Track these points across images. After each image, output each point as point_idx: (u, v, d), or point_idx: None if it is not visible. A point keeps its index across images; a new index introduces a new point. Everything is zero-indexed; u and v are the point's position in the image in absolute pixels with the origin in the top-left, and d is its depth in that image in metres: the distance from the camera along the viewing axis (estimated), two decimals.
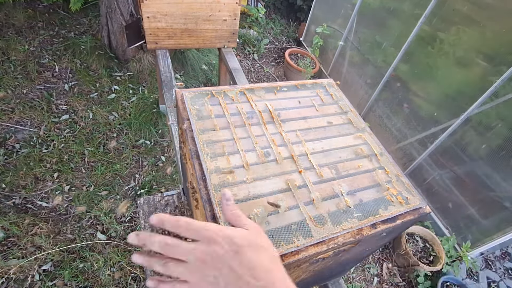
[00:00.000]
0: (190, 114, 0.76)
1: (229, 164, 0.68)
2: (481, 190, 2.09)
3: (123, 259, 1.92)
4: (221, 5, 2.05)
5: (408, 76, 2.60)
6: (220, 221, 0.58)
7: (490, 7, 1.99)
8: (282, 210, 0.64)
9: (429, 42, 2.35)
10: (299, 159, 0.74)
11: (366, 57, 3.05)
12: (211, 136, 0.73)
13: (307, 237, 0.61)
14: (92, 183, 2.25)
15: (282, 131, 0.80)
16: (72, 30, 3.21)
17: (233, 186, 0.65)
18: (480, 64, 2.05)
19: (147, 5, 1.88)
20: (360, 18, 3.11)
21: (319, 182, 0.71)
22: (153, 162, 2.50)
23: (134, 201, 2.21)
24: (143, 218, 1.15)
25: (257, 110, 0.83)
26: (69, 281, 1.78)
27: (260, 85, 0.91)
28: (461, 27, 2.12)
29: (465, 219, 2.23)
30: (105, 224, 2.05)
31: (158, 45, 2.10)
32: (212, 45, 2.27)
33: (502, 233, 2.03)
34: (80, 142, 2.44)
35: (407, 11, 2.57)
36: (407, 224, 0.74)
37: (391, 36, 2.75)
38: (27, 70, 2.74)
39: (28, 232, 1.91)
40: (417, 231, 2.40)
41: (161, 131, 2.74)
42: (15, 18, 3.02)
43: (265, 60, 4.15)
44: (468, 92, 2.12)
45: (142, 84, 3.05)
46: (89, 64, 2.99)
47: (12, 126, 2.39)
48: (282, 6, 4.88)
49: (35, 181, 2.17)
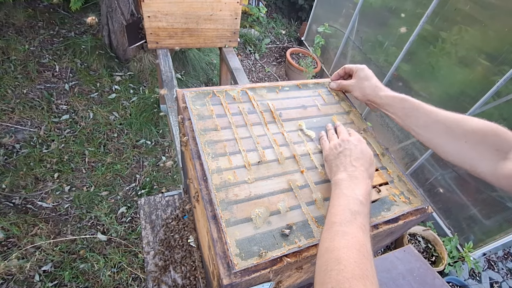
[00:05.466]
0: (191, 113, 0.76)
1: (231, 164, 0.68)
2: (483, 190, 2.08)
3: (124, 260, 1.91)
4: (222, 4, 2.04)
5: (410, 76, 2.59)
6: (221, 221, 0.58)
7: (493, 6, 1.97)
8: (284, 210, 0.63)
9: (431, 41, 2.34)
10: (301, 159, 0.74)
11: (368, 56, 3.04)
12: (213, 136, 0.72)
13: (309, 238, 0.60)
14: (93, 183, 2.24)
15: (284, 131, 0.79)
16: (73, 30, 3.20)
17: (235, 186, 0.64)
18: (482, 64, 2.03)
19: (147, 5, 1.87)
20: (361, 18, 3.10)
21: (321, 182, 0.70)
22: (154, 162, 2.49)
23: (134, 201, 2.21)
24: (144, 218, 1.14)
25: (258, 110, 0.82)
26: (70, 282, 1.78)
27: (261, 84, 0.90)
28: (463, 26, 2.11)
29: (468, 219, 2.22)
30: (106, 225, 2.05)
31: (159, 44, 2.10)
32: (213, 44, 2.27)
33: (505, 233, 2.02)
34: (81, 142, 2.43)
35: (409, 10, 2.55)
36: (409, 224, 0.73)
37: (393, 36, 2.74)
38: (27, 69, 2.74)
39: (28, 233, 1.91)
40: (419, 232, 2.39)
41: (162, 131, 2.73)
42: (15, 18, 3.02)
43: (266, 60, 4.14)
44: (470, 91, 2.11)
45: (143, 83, 3.05)
46: (89, 64, 2.99)
47: (12, 126, 2.38)
48: (283, 5, 4.87)
49: (35, 181, 2.16)
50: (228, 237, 0.56)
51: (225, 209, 0.60)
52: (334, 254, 0.48)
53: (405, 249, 1.25)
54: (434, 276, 1.16)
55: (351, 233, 0.51)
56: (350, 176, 0.63)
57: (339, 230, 0.52)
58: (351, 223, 0.52)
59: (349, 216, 0.53)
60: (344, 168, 0.65)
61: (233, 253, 0.54)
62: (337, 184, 0.62)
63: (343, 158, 0.68)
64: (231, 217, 0.59)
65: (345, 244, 0.49)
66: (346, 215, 0.54)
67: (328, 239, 0.52)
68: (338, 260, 0.47)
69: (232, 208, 0.60)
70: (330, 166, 0.69)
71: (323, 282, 0.46)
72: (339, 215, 0.54)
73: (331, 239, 0.51)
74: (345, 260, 0.46)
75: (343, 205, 0.56)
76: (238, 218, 0.59)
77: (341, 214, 0.54)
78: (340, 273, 0.45)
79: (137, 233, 2.06)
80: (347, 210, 0.55)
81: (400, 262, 1.20)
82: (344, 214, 0.54)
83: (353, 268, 0.45)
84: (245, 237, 0.57)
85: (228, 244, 0.55)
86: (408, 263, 1.20)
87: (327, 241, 0.51)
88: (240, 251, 0.55)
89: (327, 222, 0.55)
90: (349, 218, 0.53)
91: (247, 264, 0.54)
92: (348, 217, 0.53)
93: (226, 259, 0.54)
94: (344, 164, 0.66)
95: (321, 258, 0.50)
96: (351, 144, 0.71)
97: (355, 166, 0.65)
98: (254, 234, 0.58)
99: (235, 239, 0.56)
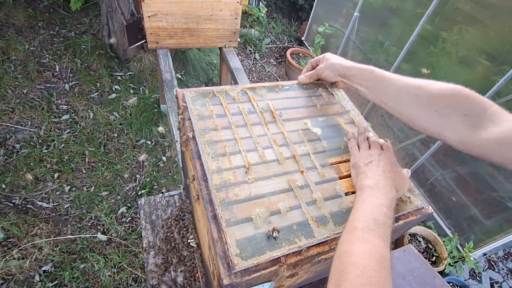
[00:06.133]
0: (191, 114, 0.76)
1: (231, 164, 0.68)
2: (484, 190, 2.08)
3: (124, 260, 1.91)
4: (222, 4, 2.04)
5: (410, 76, 2.58)
6: (222, 221, 0.57)
7: (493, 6, 1.97)
8: (284, 210, 0.63)
9: (432, 41, 2.33)
10: (301, 159, 0.73)
11: (368, 56, 3.04)
12: (213, 136, 0.72)
13: (309, 238, 0.60)
14: (93, 184, 2.24)
15: (284, 131, 0.79)
16: (73, 30, 3.20)
17: (235, 186, 0.64)
18: (483, 64, 2.03)
19: (148, 5, 1.87)
20: (362, 17, 3.10)
21: (321, 182, 0.70)
22: (154, 163, 2.49)
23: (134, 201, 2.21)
24: (144, 218, 1.14)
25: (258, 109, 0.82)
26: (70, 282, 1.78)
27: (261, 84, 0.90)
28: (464, 26, 2.11)
29: (468, 219, 2.21)
30: (106, 225, 2.05)
31: (159, 44, 2.10)
32: (213, 44, 2.27)
33: (505, 233, 2.01)
34: (81, 142, 2.43)
35: (410, 10, 2.55)
36: (410, 224, 0.73)
37: (393, 36, 2.73)
38: (27, 69, 2.74)
39: (28, 233, 1.91)
40: (420, 232, 2.39)
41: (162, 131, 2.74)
42: (15, 18, 3.02)
43: (267, 60, 4.14)
44: None
45: (143, 83, 3.05)
46: (89, 64, 2.99)
47: (12, 126, 2.38)
48: (283, 5, 4.87)
49: (35, 181, 2.16)
50: (229, 237, 0.56)
51: (225, 209, 0.60)
52: (352, 258, 0.48)
53: (405, 249, 1.25)
54: (435, 276, 1.16)
55: (372, 241, 0.51)
56: (377, 183, 0.63)
57: (361, 236, 0.51)
58: (374, 231, 0.52)
59: (372, 224, 0.53)
60: (371, 176, 0.65)
61: (233, 253, 0.54)
62: (363, 190, 0.62)
63: (372, 167, 0.68)
64: (231, 217, 0.59)
65: (364, 251, 0.49)
66: (370, 222, 0.53)
67: (348, 243, 0.52)
68: (356, 264, 0.47)
69: (232, 208, 0.60)
70: (357, 172, 0.69)
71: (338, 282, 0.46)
72: (362, 221, 0.54)
73: (352, 243, 0.51)
74: (363, 266, 0.46)
75: (367, 211, 0.56)
76: (238, 218, 0.59)
77: (364, 221, 0.54)
78: (357, 278, 0.45)
79: (137, 233, 2.05)
80: (371, 218, 0.54)
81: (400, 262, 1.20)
82: (367, 221, 0.54)
83: (370, 275, 0.45)
84: (245, 237, 0.57)
85: (228, 244, 0.55)
86: (408, 263, 1.20)
87: (347, 244, 0.51)
88: (241, 251, 0.55)
89: (349, 225, 0.55)
90: (372, 226, 0.53)
91: (248, 264, 0.53)
92: (371, 225, 0.53)
93: (227, 259, 0.54)
94: (372, 172, 0.66)
95: (339, 259, 0.50)
96: (383, 156, 0.71)
97: (383, 176, 0.65)
98: (254, 234, 0.58)
99: (235, 239, 0.56)
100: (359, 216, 0.56)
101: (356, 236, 0.52)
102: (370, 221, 0.54)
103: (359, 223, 0.54)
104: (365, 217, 0.55)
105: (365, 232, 0.52)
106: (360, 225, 0.53)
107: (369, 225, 0.53)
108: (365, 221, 0.54)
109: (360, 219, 0.55)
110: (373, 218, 0.54)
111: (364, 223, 0.54)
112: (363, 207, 0.57)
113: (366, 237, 0.51)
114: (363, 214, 0.56)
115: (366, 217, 0.55)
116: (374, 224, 0.53)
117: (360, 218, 0.55)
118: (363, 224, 0.53)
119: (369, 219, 0.54)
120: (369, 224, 0.53)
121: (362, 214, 0.56)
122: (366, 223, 0.53)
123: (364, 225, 0.53)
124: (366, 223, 0.53)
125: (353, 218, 0.56)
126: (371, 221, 0.54)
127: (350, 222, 0.56)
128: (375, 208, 0.56)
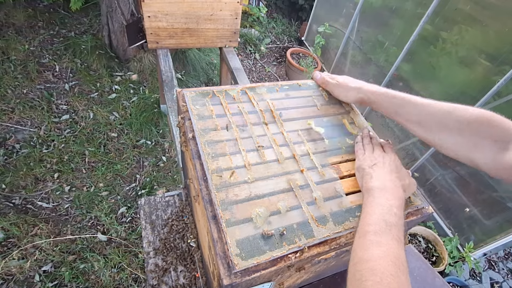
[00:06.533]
0: (191, 113, 0.75)
1: (231, 164, 0.68)
2: (484, 190, 2.08)
3: (124, 260, 1.91)
4: (223, 4, 2.04)
5: (410, 76, 2.59)
6: (222, 221, 0.57)
7: (493, 6, 1.97)
8: (284, 210, 0.63)
9: (432, 41, 2.33)
10: (301, 159, 0.73)
11: (368, 56, 3.04)
12: (213, 136, 0.72)
13: (309, 237, 0.60)
14: (93, 184, 2.24)
15: (284, 131, 0.79)
16: (73, 30, 3.20)
17: (235, 186, 0.64)
18: (483, 64, 2.03)
19: (148, 5, 1.87)
20: (362, 17, 3.10)
21: (321, 182, 0.70)
22: (154, 163, 2.49)
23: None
24: (144, 218, 1.14)
25: (258, 109, 0.82)
26: (70, 282, 1.78)
27: (261, 84, 0.90)
28: (464, 26, 2.11)
29: (468, 219, 2.21)
30: (106, 225, 2.05)
31: (159, 44, 2.09)
32: (213, 44, 2.26)
33: (505, 233, 2.01)
34: (81, 142, 2.43)
35: (410, 10, 2.55)
36: (410, 224, 0.73)
37: (393, 36, 2.73)
38: (27, 69, 2.74)
39: (28, 233, 1.90)
40: (420, 232, 2.39)
41: (162, 131, 2.73)
42: (15, 18, 3.02)
43: (267, 60, 4.14)
44: (471, 91, 2.11)
45: (143, 83, 3.05)
46: (89, 64, 2.99)
47: (12, 126, 2.38)
48: (283, 5, 4.87)
49: (35, 181, 2.16)
50: (229, 237, 0.56)
51: (225, 209, 0.60)
52: (369, 265, 0.47)
53: (405, 249, 1.25)
54: (435, 276, 1.15)
55: (386, 245, 0.50)
56: (384, 184, 0.62)
57: (374, 240, 0.51)
58: (386, 233, 0.52)
59: (383, 226, 0.52)
60: (377, 177, 0.65)
61: (233, 253, 0.54)
62: (370, 192, 0.61)
63: (378, 169, 0.68)
64: (231, 217, 0.59)
65: (379, 255, 0.48)
66: (381, 225, 0.53)
67: (362, 248, 0.51)
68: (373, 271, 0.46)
69: (232, 208, 0.60)
70: (362, 174, 0.69)
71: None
72: (373, 224, 0.53)
73: (365, 249, 0.50)
74: (380, 273, 0.46)
75: (377, 214, 0.55)
76: (238, 218, 0.59)
77: (375, 224, 0.53)
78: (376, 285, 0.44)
79: (137, 233, 2.05)
80: (382, 220, 0.54)
81: None
82: (379, 224, 0.53)
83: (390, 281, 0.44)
84: (245, 237, 0.57)
85: (228, 244, 0.55)
86: (408, 262, 1.20)
87: (361, 250, 0.51)
88: (241, 251, 0.55)
89: (360, 230, 0.55)
90: (383, 229, 0.52)
91: (248, 264, 0.53)
92: (383, 227, 0.52)
93: (227, 259, 0.54)
94: (378, 173, 0.66)
95: (355, 267, 0.49)
96: (387, 158, 0.71)
97: (389, 177, 0.65)
98: (254, 234, 0.58)
99: (235, 239, 0.56)
100: (369, 219, 0.55)
101: (369, 240, 0.51)
102: (381, 223, 0.53)
103: (370, 227, 0.53)
104: (376, 220, 0.54)
105: (378, 236, 0.51)
106: (372, 229, 0.52)
107: (381, 227, 0.52)
108: (376, 224, 0.53)
109: (371, 223, 0.54)
110: (384, 220, 0.53)
111: (376, 226, 0.53)
112: (373, 210, 0.56)
113: (380, 240, 0.50)
114: (373, 217, 0.55)
115: (377, 220, 0.54)
116: (386, 226, 0.52)
117: (371, 221, 0.54)
118: (375, 227, 0.53)
119: (380, 222, 0.53)
120: (380, 226, 0.52)
121: (372, 217, 0.55)
122: (377, 226, 0.52)
123: (375, 228, 0.52)
124: (378, 226, 0.53)
125: (363, 222, 0.55)
126: (382, 223, 0.53)
127: (361, 226, 0.55)
128: (385, 210, 0.56)
